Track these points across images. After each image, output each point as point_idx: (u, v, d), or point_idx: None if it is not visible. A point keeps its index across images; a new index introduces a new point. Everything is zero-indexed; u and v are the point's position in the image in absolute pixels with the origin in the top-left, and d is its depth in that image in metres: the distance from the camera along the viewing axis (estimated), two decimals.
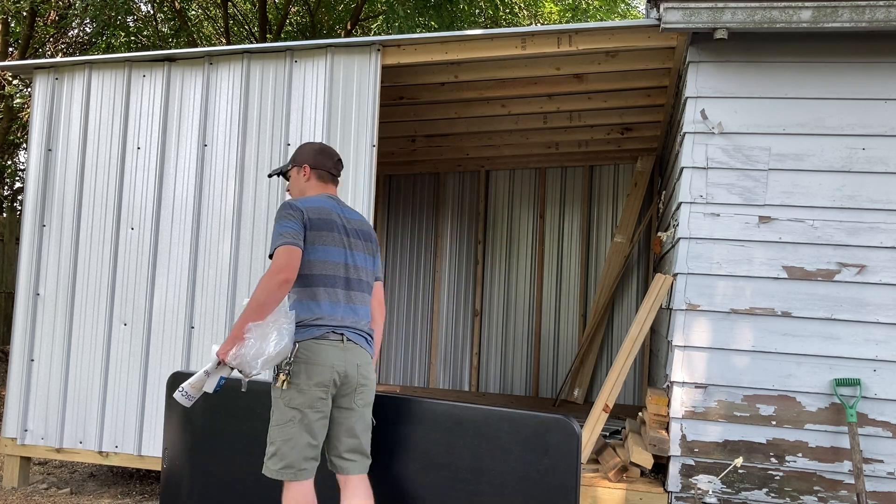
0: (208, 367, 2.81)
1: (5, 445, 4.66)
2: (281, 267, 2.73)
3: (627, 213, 6.86)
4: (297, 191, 3.13)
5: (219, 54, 4.52)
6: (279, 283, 2.73)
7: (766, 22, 3.50)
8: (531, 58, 4.50)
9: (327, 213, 2.94)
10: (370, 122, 4.28)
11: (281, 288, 2.73)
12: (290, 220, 2.84)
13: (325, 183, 3.12)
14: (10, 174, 12.23)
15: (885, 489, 3.58)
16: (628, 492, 3.77)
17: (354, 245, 3.01)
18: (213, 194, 4.45)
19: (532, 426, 2.98)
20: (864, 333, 3.63)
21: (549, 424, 2.96)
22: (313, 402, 2.81)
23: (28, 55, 9.97)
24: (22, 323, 4.66)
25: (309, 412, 2.80)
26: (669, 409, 3.80)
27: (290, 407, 2.80)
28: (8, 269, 8.49)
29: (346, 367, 2.86)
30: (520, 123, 5.92)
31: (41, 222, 4.69)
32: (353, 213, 3.10)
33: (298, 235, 2.81)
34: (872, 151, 3.65)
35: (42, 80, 4.77)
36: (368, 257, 3.07)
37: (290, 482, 2.80)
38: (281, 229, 2.82)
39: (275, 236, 2.83)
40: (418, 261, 7.78)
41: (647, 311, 4.09)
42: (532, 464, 2.96)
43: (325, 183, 3.12)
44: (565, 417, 2.96)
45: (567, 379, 6.94)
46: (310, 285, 2.87)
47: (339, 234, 2.95)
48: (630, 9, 12.68)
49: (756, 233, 3.73)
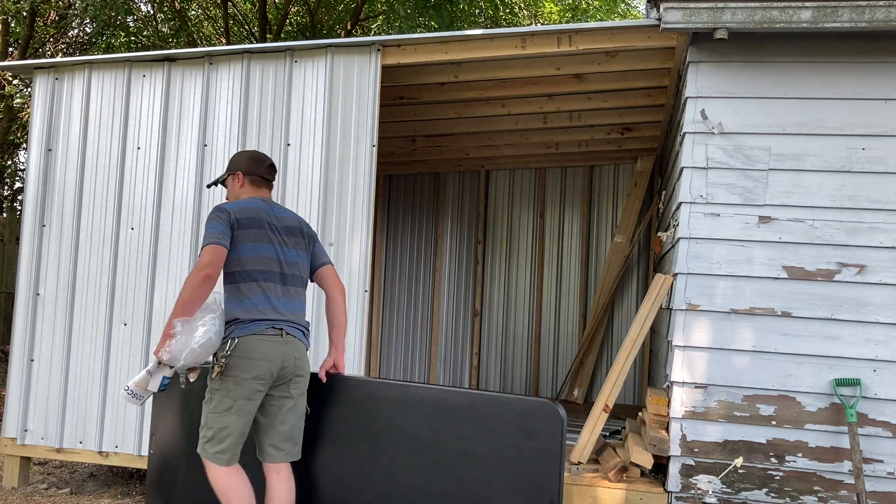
0: (150, 367, 2.93)
1: (5, 445, 4.66)
2: (205, 264, 2.89)
3: (627, 213, 6.86)
4: (233, 196, 3.29)
5: (219, 54, 4.52)
6: (202, 279, 2.87)
7: (766, 22, 3.50)
8: (531, 58, 4.50)
9: (255, 213, 3.09)
10: (370, 122, 4.28)
11: (204, 284, 2.88)
12: (217, 221, 3.00)
13: (258, 187, 3.27)
14: (10, 174, 12.23)
15: (885, 489, 3.58)
16: (628, 492, 3.77)
17: (286, 242, 3.15)
18: (214, 194, 4.45)
19: (518, 410, 3.02)
20: (863, 333, 3.63)
21: (534, 408, 3.00)
22: (251, 395, 2.96)
23: (28, 55, 9.97)
24: (22, 323, 4.66)
25: (246, 403, 2.96)
26: (669, 409, 3.80)
27: (228, 397, 2.94)
28: (8, 269, 8.49)
29: (284, 360, 3.02)
30: (520, 123, 5.92)
31: (41, 222, 4.69)
32: (284, 211, 3.25)
33: (224, 235, 2.96)
34: (872, 151, 3.65)
35: (42, 80, 4.77)
36: (302, 253, 3.22)
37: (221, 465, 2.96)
38: (208, 230, 2.98)
39: (203, 237, 2.98)
40: (418, 261, 7.78)
41: (647, 311, 4.09)
42: (517, 447, 2.99)
43: (258, 187, 3.27)
44: (550, 401, 2.99)
45: (567, 379, 6.94)
46: (246, 280, 3.02)
47: (269, 231, 3.09)
48: (630, 9, 12.68)
49: (756, 233, 3.73)
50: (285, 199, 4.33)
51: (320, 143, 4.31)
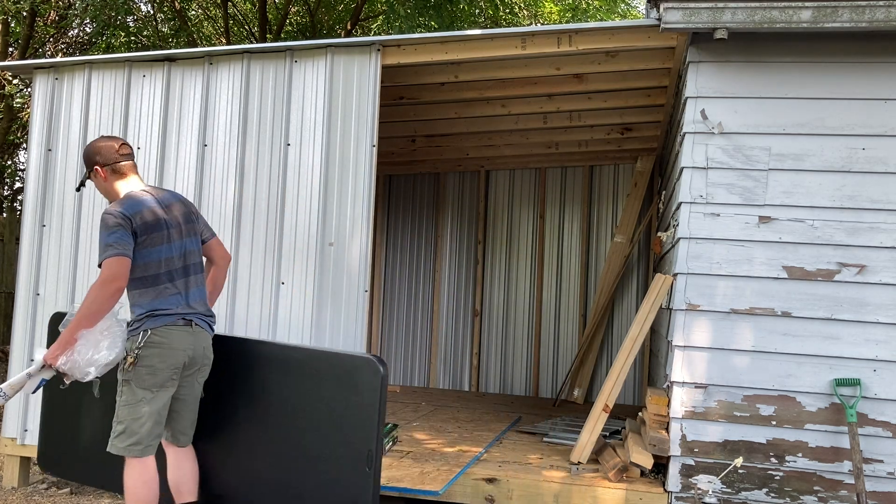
0: (31, 370, 2.94)
1: (5, 445, 4.66)
2: (113, 276, 2.88)
3: (627, 213, 6.86)
4: (108, 193, 3.21)
5: (219, 54, 4.52)
6: (111, 292, 2.89)
7: (766, 22, 3.50)
8: (531, 58, 4.50)
9: (151, 214, 3.07)
10: (370, 122, 4.28)
11: (113, 297, 2.91)
12: (119, 230, 2.95)
13: (124, 174, 3.20)
14: (10, 174, 12.24)
15: (885, 489, 3.57)
16: (628, 492, 3.77)
17: (181, 234, 3.18)
18: (213, 194, 4.45)
19: (346, 365, 3.19)
20: (863, 333, 3.62)
21: (358, 364, 3.16)
22: (165, 383, 3.05)
23: (28, 55, 9.97)
24: (22, 323, 4.66)
25: (160, 392, 3.04)
26: (669, 409, 3.80)
27: (142, 388, 3.01)
28: (8, 269, 8.49)
29: (195, 350, 3.13)
30: (520, 123, 5.92)
31: (41, 222, 4.69)
32: (167, 196, 3.23)
33: (128, 246, 2.94)
34: (872, 151, 3.64)
35: (42, 80, 4.77)
36: (195, 238, 3.27)
37: (134, 459, 3.02)
38: (109, 239, 2.92)
39: (102, 245, 2.93)
40: (418, 261, 7.78)
41: (647, 311, 4.09)
42: (344, 401, 3.16)
43: (124, 174, 3.20)
44: (375, 358, 3.13)
45: (567, 379, 6.94)
46: (155, 284, 3.06)
47: (167, 229, 3.11)
48: (630, 9, 12.67)
49: (756, 233, 3.73)
50: (285, 200, 4.33)
51: (320, 143, 4.31)
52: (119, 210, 3.00)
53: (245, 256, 4.37)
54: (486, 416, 5.88)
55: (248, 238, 4.37)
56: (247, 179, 4.41)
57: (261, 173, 4.39)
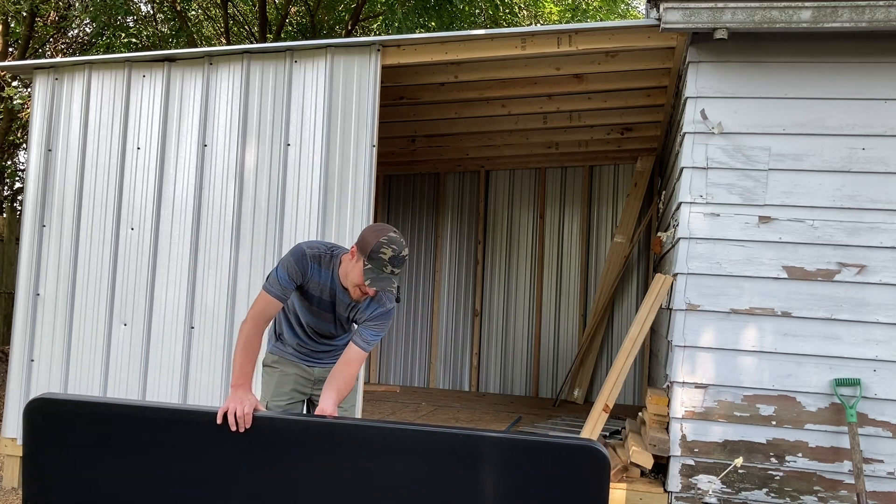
0: None
1: (5, 445, 4.65)
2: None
3: (627, 213, 6.86)
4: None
5: (219, 54, 4.52)
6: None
7: (766, 22, 3.50)
8: (531, 58, 4.50)
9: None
10: (370, 122, 4.28)
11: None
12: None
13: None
14: (10, 174, 12.24)
15: (885, 489, 3.57)
16: (628, 492, 3.77)
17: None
18: (213, 194, 4.45)
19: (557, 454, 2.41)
20: (864, 333, 3.62)
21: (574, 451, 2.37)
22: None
23: (28, 55, 9.97)
24: (22, 323, 4.66)
25: None
26: (669, 409, 3.80)
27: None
28: (8, 269, 8.49)
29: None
30: (520, 123, 5.92)
31: (41, 222, 4.69)
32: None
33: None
34: (872, 151, 3.64)
35: (42, 80, 4.77)
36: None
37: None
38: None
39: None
40: (418, 261, 7.78)
41: (647, 311, 4.09)
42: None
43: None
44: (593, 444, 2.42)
45: (567, 379, 6.94)
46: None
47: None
48: (630, 9, 12.68)
49: (756, 233, 3.73)
50: (285, 200, 4.33)
51: (320, 143, 4.31)
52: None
53: (245, 257, 4.37)
54: (487, 416, 5.88)
55: (248, 238, 4.37)
56: (247, 180, 4.41)
57: (261, 173, 4.40)
